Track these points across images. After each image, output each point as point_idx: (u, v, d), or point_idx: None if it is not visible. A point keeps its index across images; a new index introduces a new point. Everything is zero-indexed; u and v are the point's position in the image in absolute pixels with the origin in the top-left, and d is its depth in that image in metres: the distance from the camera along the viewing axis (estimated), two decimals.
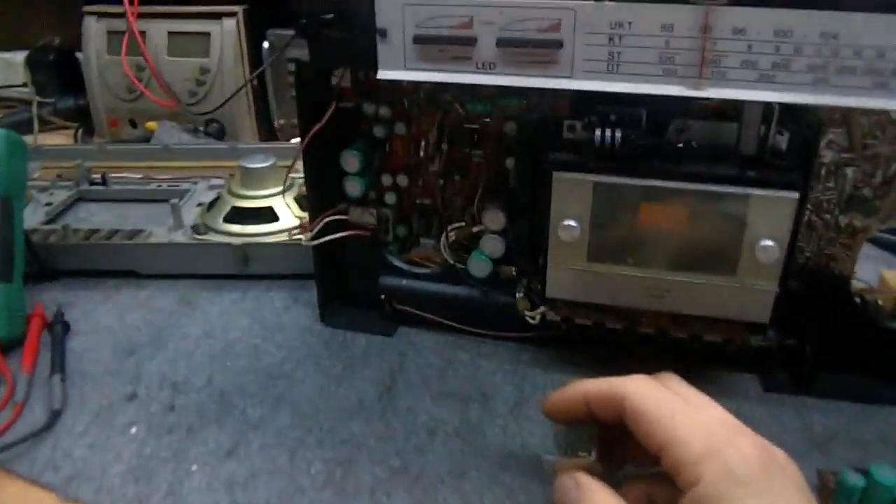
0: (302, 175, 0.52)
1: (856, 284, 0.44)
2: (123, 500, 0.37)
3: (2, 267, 0.50)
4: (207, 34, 0.84)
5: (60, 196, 0.72)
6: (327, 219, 0.48)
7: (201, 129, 0.86)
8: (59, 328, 0.51)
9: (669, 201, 0.38)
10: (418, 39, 0.38)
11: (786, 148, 0.39)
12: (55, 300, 0.55)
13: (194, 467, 0.39)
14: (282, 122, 0.87)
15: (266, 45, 0.83)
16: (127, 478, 0.39)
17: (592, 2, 0.35)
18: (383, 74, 0.39)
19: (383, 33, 0.38)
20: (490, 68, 0.37)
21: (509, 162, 0.46)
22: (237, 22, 0.83)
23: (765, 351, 0.45)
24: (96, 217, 0.71)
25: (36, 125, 0.93)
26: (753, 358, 0.46)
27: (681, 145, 0.39)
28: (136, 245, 0.58)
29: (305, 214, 0.60)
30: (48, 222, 0.67)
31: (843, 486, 0.34)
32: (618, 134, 0.38)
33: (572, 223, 0.39)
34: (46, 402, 0.44)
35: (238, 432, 0.42)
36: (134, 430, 0.42)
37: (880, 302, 0.46)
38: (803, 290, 0.43)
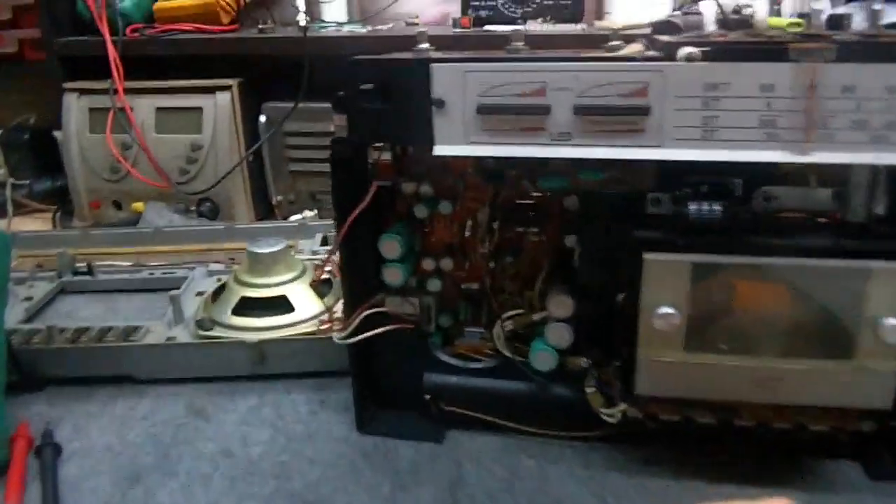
0: (314, 258, 0.47)
1: None
2: None
3: None
4: (199, 109, 0.79)
5: (41, 289, 0.65)
6: (365, 313, 0.42)
7: (193, 209, 0.80)
8: (48, 452, 0.43)
9: (778, 279, 0.33)
10: (483, 109, 0.33)
11: (885, 213, 0.35)
12: (42, 415, 0.48)
13: None
14: (279, 198, 0.82)
15: (262, 118, 0.78)
16: None
17: (683, 63, 0.31)
18: (441, 150, 0.34)
19: (440, 104, 0.33)
20: (566, 139, 0.33)
21: (569, 240, 0.40)
22: (231, 96, 0.78)
23: (867, 435, 0.40)
24: (83, 312, 0.63)
25: (10, 209, 0.86)
26: (854, 443, 0.41)
27: (777, 215, 0.35)
28: (133, 347, 0.51)
29: (323, 303, 0.54)
30: (28, 320, 0.60)
31: None
32: (717, 207, 0.33)
33: (669, 310, 0.33)
34: None
35: None
36: None
37: None
38: None
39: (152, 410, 0.49)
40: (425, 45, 0.36)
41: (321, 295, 0.55)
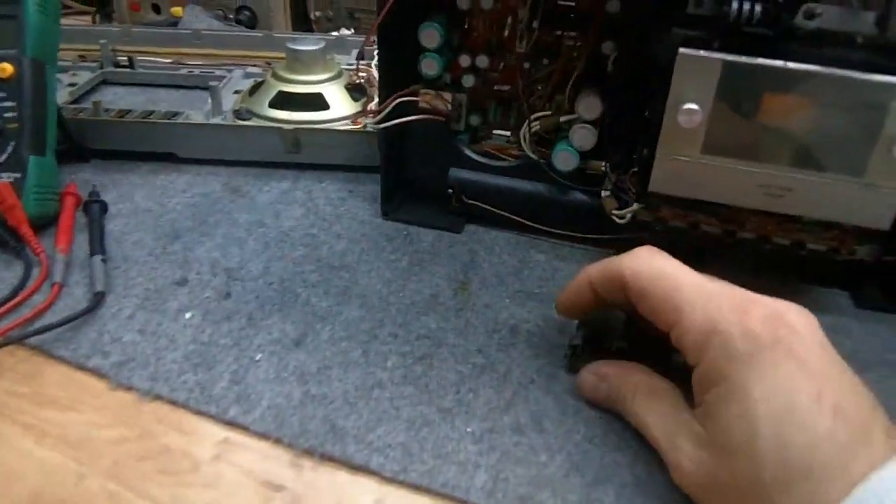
0: (351, 64, 0.47)
1: None
2: (183, 389, 0.34)
3: (34, 139, 0.45)
4: None
5: (84, 77, 0.66)
6: (399, 100, 0.43)
7: (231, 16, 0.79)
8: (96, 207, 0.47)
9: (802, 88, 0.34)
10: None
11: None
12: (88, 181, 0.51)
13: (259, 356, 0.36)
14: (318, 13, 0.81)
15: None
16: (185, 365, 0.35)
17: None
18: None
19: None
20: None
21: (606, 46, 0.41)
22: None
23: (858, 265, 0.42)
24: (124, 101, 0.65)
25: None
26: (845, 273, 0.43)
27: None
28: (175, 125, 0.53)
29: (357, 105, 0.56)
30: (73, 102, 0.62)
31: None
32: (757, 8, 0.33)
33: (694, 106, 0.35)
34: (87, 284, 0.40)
35: (304, 322, 0.38)
36: (188, 315, 0.39)
37: None
38: None
39: (191, 185, 0.51)
40: None
41: (355, 99, 0.57)
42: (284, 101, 0.55)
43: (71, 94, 0.63)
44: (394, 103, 0.43)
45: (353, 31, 0.75)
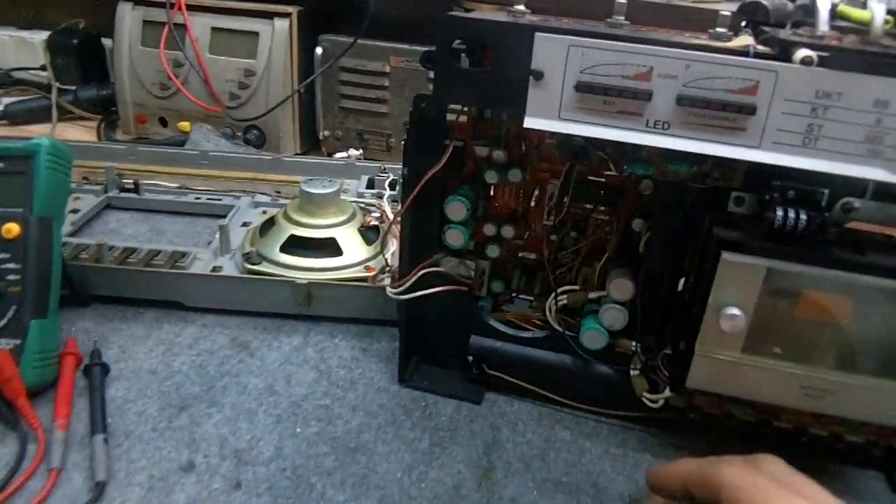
0: (362, 199, 0.46)
1: None
2: None
3: (37, 300, 0.43)
4: (256, 34, 0.77)
5: (88, 202, 0.65)
6: (424, 271, 0.42)
7: (240, 135, 0.79)
8: (97, 371, 0.44)
9: (847, 294, 0.33)
10: (582, 87, 0.32)
11: None
12: (89, 332, 0.48)
13: None
14: (327, 133, 0.81)
15: (319, 51, 0.76)
16: None
17: (799, 66, 0.30)
18: (532, 123, 0.33)
19: (538, 76, 0.32)
20: (663, 128, 0.32)
21: (637, 223, 0.40)
22: (290, 23, 0.76)
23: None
24: (128, 229, 0.64)
25: (55, 113, 0.86)
26: (883, 455, 0.41)
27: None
28: (182, 275, 0.52)
29: (371, 249, 0.54)
30: (75, 233, 0.60)
31: None
32: (803, 216, 0.32)
33: (736, 312, 0.33)
34: (88, 469, 0.38)
35: None
36: None
37: None
38: None
39: (197, 339, 0.49)
40: (521, 7, 0.35)
41: (368, 241, 0.56)
42: (296, 244, 0.54)
43: (73, 223, 0.61)
44: (419, 274, 0.42)
45: (361, 152, 0.75)
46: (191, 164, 0.73)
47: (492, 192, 0.43)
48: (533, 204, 0.42)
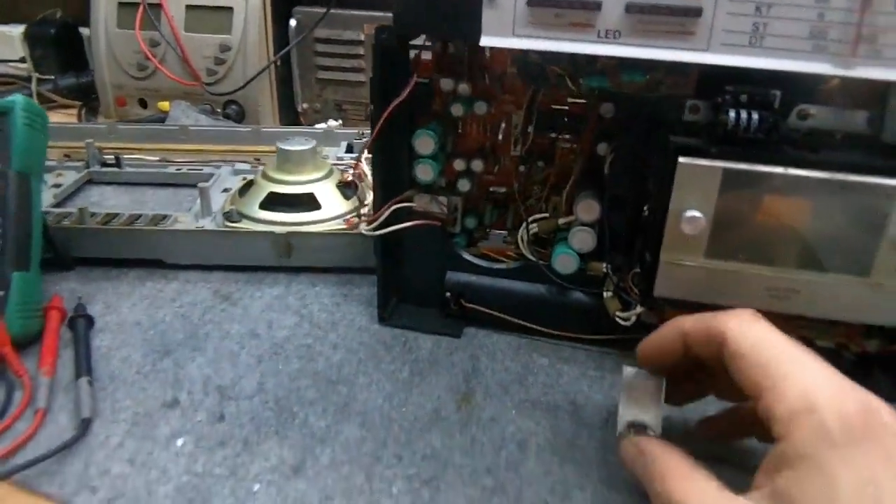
0: (341, 161, 0.47)
1: None
2: None
3: (19, 253, 0.44)
4: (230, 9, 0.78)
5: (69, 177, 0.66)
6: (395, 206, 0.43)
7: (219, 110, 0.80)
8: (81, 323, 0.45)
9: (803, 192, 0.34)
10: (533, 2, 0.33)
11: None
12: (73, 292, 0.49)
13: (256, 487, 0.34)
14: (305, 106, 0.82)
15: (293, 22, 0.77)
16: (178, 499, 0.33)
17: None
18: (487, 42, 0.34)
19: None
20: (615, 37, 0.33)
21: (601, 148, 0.41)
22: None
23: (867, 355, 0.41)
24: (110, 201, 0.65)
25: (36, 103, 0.86)
26: (852, 362, 0.42)
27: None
28: (163, 232, 0.52)
29: (349, 204, 0.55)
30: (58, 205, 0.61)
31: None
32: (755, 116, 0.33)
33: (696, 214, 0.34)
34: (73, 410, 0.38)
35: (303, 446, 0.36)
36: (180, 442, 0.37)
37: None
38: None
39: (180, 293, 0.50)
40: None
41: (346, 197, 0.56)
42: (275, 201, 0.55)
43: (55, 196, 0.62)
44: (390, 210, 0.43)
45: (340, 122, 0.76)
46: (171, 139, 0.74)
47: (460, 128, 0.44)
48: (500, 138, 0.43)
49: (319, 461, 0.36)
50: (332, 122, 0.75)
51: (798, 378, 0.27)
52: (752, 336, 0.29)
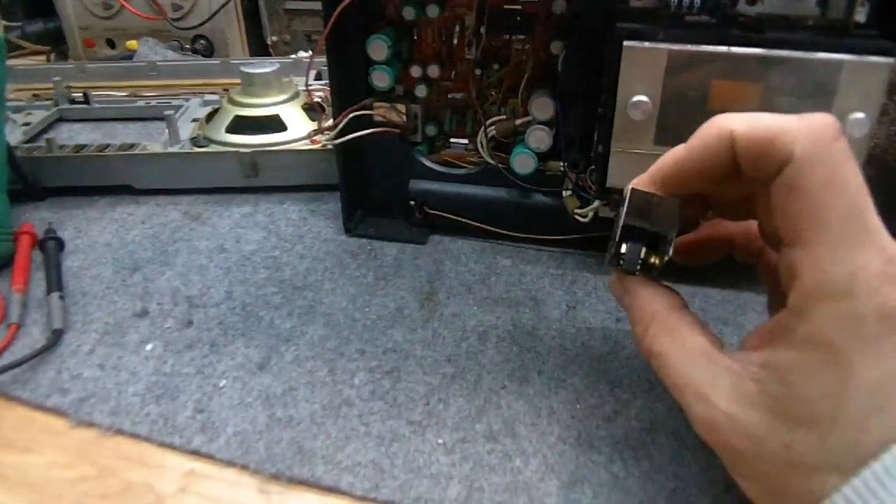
0: (307, 85, 0.47)
1: None
2: (146, 421, 0.33)
3: None
4: None
5: (39, 116, 0.65)
6: (353, 114, 0.43)
7: (187, 46, 0.79)
8: (52, 245, 0.45)
9: (749, 73, 0.34)
10: None
11: (865, 20, 0.35)
12: (44, 220, 0.49)
13: (223, 383, 0.35)
14: (274, 38, 0.81)
15: None
16: (147, 397, 0.34)
17: None
18: None
19: None
20: None
21: (554, 46, 0.41)
22: None
23: None
24: (81, 137, 0.64)
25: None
26: None
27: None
28: (131, 156, 0.53)
29: (315, 124, 0.55)
30: (28, 142, 0.61)
31: None
32: None
33: (643, 98, 0.35)
34: (46, 324, 0.39)
35: (268, 346, 0.37)
36: (149, 347, 0.38)
37: None
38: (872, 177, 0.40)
39: (150, 216, 0.51)
40: None
41: (312, 119, 0.56)
42: (241, 125, 0.55)
43: (25, 132, 0.62)
44: (347, 118, 0.43)
45: (310, 53, 0.75)
46: (140, 76, 0.73)
47: (415, 35, 0.44)
48: (455, 41, 0.43)
49: (284, 358, 0.37)
50: (301, 54, 0.75)
51: (849, 249, 0.22)
52: (826, 171, 0.22)
